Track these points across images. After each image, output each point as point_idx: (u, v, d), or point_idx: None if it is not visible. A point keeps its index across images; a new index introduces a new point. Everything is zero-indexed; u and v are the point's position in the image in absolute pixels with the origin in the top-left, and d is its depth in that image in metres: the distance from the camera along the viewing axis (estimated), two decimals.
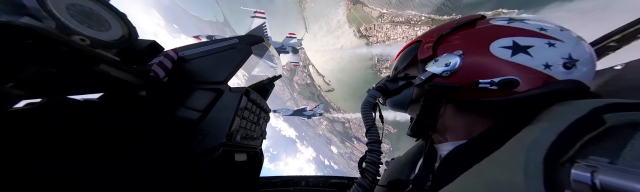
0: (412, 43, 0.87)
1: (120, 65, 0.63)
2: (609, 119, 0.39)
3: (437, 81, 0.67)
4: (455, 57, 0.63)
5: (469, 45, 0.66)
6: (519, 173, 0.39)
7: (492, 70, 0.60)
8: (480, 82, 0.58)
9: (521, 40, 0.61)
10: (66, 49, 0.51)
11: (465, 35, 0.71)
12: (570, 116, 0.43)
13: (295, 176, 1.68)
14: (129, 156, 0.65)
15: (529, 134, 0.45)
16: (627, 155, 0.34)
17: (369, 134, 0.75)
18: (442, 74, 0.65)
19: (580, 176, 0.34)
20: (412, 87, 0.78)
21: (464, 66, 0.63)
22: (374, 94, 0.84)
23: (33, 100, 0.57)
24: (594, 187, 0.32)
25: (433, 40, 0.74)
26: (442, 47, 0.71)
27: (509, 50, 0.60)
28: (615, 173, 0.32)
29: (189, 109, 0.80)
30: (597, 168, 0.33)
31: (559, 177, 0.36)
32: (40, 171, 0.52)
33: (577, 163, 0.36)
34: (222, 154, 0.75)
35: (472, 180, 0.47)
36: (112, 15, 0.69)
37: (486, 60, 0.62)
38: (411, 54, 0.81)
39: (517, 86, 0.57)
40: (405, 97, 0.80)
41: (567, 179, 0.35)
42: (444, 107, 0.70)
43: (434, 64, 0.67)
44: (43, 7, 0.53)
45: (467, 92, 0.63)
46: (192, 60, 1.00)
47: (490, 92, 0.59)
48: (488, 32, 0.67)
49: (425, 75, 0.68)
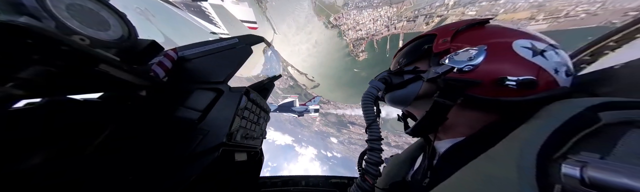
0: (421, 37, 0.84)
1: (120, 65, 0.63)
2: (604, 117, 0.40)
3: (453, 76, 0.63)
4: (480, 51, 0.61)
5: (492, 41, 0.64)
6: (513, 168, 0.40)
7: (515, 69, 0.60)
8: (508, 79, 0.57)
9: (536, 43, 0.63)
10: (66, 48, 0.51)
11: (484, 33, 0.70)
12: (566, 114, 0.44)
13: (296, 175, 1.68)
14: (129, 156, 0.65)
15: (525, 131, 0.46)
16: (618, 151, 0.35)
17: (370, 130, 0.70)
18: (463, 68, 0.61)
19: (570, 171, 0.35)
20: (420, 81, 0.73)
21: (487, 62, 0.60)
22: (377, 85, 0.77)
23: (33, 100, 0.57)
24: (583, 182, 0.33)
25: (450, 34, 0.71)
26: (460, 42, 0.68)
27: (529, 51, 0.61)
28: (605, 168, 0.32)
29: (189, 109, 0.80)
30: (586, 163, 0.34)
31: (551, 173, 0.37)
32: (40, 171, 0.52)
33: (569, 159, 0.37)
34: (222, 153, 0.75)
35: (468, 175, 0.48)
36: (111, 14, 0.69)
37: (510, 57, 0.61)
38: (421, 47, 0.78)
39: (535, 87, 0.58)
40: (411, 92, 0.75)
41: (558, 173, 0.36)
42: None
43: (455, 58, 0.63)
44: (42, 6, 0.53)
45: (487, 90, 0.60)
46: (192, 60, 1.00)
47: (509, 91, 0.59)
48: (507, 32, 0.67)
49: (442, 69, 0.64)
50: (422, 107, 0.74)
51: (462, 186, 0.46)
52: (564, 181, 0.35)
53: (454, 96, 0.61)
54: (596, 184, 0.32)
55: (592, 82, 0.82)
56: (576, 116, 0.43)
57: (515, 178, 0.38)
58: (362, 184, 0.64)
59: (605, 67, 0.82)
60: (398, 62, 0.86)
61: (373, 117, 0.73)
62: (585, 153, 0.36)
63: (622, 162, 0.32)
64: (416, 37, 0.86)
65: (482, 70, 0.60)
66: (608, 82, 0.77)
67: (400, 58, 0.86)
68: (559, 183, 0.35)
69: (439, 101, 0.62)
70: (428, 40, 0.76)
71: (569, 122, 0.42)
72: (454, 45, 0.67)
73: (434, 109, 0.65)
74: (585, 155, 0.36)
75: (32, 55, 0.49)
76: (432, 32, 0.79)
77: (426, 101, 0.71)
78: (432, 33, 0.78)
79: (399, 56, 0.88)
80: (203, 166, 0.69)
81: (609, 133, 0.38)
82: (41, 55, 0.50)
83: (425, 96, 0.71)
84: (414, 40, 0.86)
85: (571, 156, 0.37)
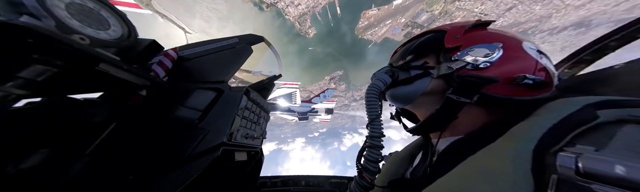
0: (426, 33, 0.82)
1: (121, 64, 0.62)
2: (602, 114, 0.41)
3: (468, 73, 0.61)
4: (497, 48, 0.59)
5: (505, 40, 0.63)
6: (508, 162, 0.41)
7: (530, 68, 0.60)
8: (527, 78, 0.56)
9: (536, 46, 0.65)
10: (66, 48, 0.51)
11: (493, 32, 0.69)
12: (564, 111, 0.45)
13: (296, 175, 1.68)
14: (129, 156, 0.65)
15: (524, 127, 0.47)
16: (613, 144, 0.36)
17: (372, 126, 0.66)
18: (480, 64, 0.59)
19: (566, 161, 0.36)
20: (428, 77, 0.69)
21: (503, 60, 0.59)
22: (384, 78, 0.72)
23: (33, 99, 0.57)
24: (578, 171, 0.34)
25: (461, 31, 0.69)
26: (472, 39, 0.66)
27: (537, 53, 0.63)
28: (599, 158, 0.33)
29: (189, 109, 0.80)
30: (581, 154, 0.35)
31: (547, 164, 0.38)
32: (40, 170, 0.52)
33: (564, 151, 0.38)
34: (222, 153, 0.75)
35: (466, 170, 0.48)
36: (111, 14, 0.68)
37: (524, 57, 0.61)
38: (431, 42, 0.75)
39: (546, 87, 0.60)
40: (418, 89, 0.71)
41: (554, 164, 0.37)
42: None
43: (470, 53, 0.61)
44: (42, 6, 0.52)
45: (501, 88, 0.59)
46: (192, 59, 1.00)
47: (521, 90, 0.59)
48: (512, 33, 0.68)
49: (457, 65, 0.61)
50: (425, 105, 0.73)
51: (460, 181, 0.47)
52: (559, 171, 0.36)
53: (470, 93, 0.59)
54: (590, 173, 0.33)
55: (592, 82, 0.82)
56: (574, 113, 0.44)
57: (511, 171, 0.40)
58: (361, 182, 0.63)
59: (605, 67, 0.82)
60: (403, 57, 0.81)
61: (377, 112, 0.68)
62: (580, 146, 0.37)
63: (616, 154, 0.33)
64: (422, 33, 0.84)
65: (499, 67, 0.59)
66: (608, 82, 0.77)
67: (405, 53, 0.82)
68: (554, 173, 0.37)
69: (453, 97, 0.60)
70: (437, 37, 0.74)
71: (567, 119, 0.43)
72: (468, 42, 0.65)
73: (446, 107, 0.63)
74: (580, 147, 0.37)
75: (32, 55, 0.49)
76: (441, 28, 0.77)
77: (431, 99, 0.71)
78: (441, 29, 0.76)
79: (403, 51, 0.84)
80: (203, 165, 0.69)
81: (606, 130, 0.39)
82: (41, 54, 0.50)
83: (432, 93, 0.70)
84: (420, 36, 0.84)
85: (567, 148, 0.38)
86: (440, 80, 0.67)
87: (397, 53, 0.88)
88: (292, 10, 29.79)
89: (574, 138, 0.39)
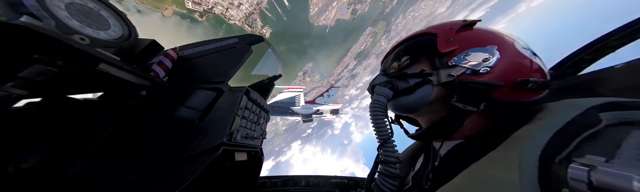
0: (415, 36, 0.76)
1: (120, 64, 0.62)
2: (605, 117, 0.40)
3: (468, 79, 0.58)
4: (493, 51, 0.57)
5: (499, 42, 0.61)
6: (515, 171, 0.39)
7: (530, 70, 0.58)
8: (530, 81, 0.54)
9: (528, 46, 0.63)
10: (66, 48, 0.51)
11: (483, 33, 0.66)
12: (567, 115, 0.44)
13: (296, 175, 1.68)
14: (129, 156, 0.65)
15: (527, 132, 0.46)
16: (623, 153, 0.35)
17: (385, 149, 0.60)
18: (480, 70, 0.56)
19: (578, 175, 0.34)
20: (428, 85, 0.66)
21: (502, 62, 0.57)
22: (385, 93, 0.67)
23: (33, 99, 0.57)
24: (591, 185, 0.33)
25: (452, 33, 0.65)
26: (464, 42, 0.63)
27: (530, 53, 0.61)
28: (611, 172, 0.32)
29: (190, 109, 0.80)
30: (593, 167, 0.34)
31: (556, 175, 0.37)
32: (40, 170, 0.52)
33: (574, 162, 0.36)
34: (222, 153, 0.75)
35: (471, 178, 0.47)
36: (111, 14, 0.68)
37: (521, 58, 0.59)
38: (422, 47, 0.70)
39: (545, 87, 0.58)
40: (421, 98, 0.66)
41: (565, 177, 0.36)
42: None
43: (467, 59, 0.58)
44: (42, 6, 0.52)
45: (505, 92, 0.57)
46: (192, 59, 1.00)
47: (525, 92, 0.57)
48: (500, 33, 0.65)
49: (457, 71, 0.58)
50: (428, 113, 0.71)
51: (464, 190, 0.46)
52: (571, 185, 0.34)
53: (476, 100, 0.56)
54: (604, 188, 0.32)
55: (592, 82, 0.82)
56: (578, 117, 0.42)
57: (518, 181, 0.38)
58: None
59: (605, 67, 0.82)
60: (396, 64, 0.76)
61: (387, 133, 0.62)
62: (590, 156, 0.36)
63: (628, 165, 0.32)
64: (410, 36, 0.79)
65: (499, 71, 0.57)
66: (608, 82, 0.77)
67: (395, 59, 0.77)
68: (566, 187, 0.35)
69: (459, 106, 0.56)
70: (427, 40, 0.70)
71: (571, 124, 0.42)
72: (461, 46, 0.62)
73: (452, 115, 0.59)
74: (590, 158, 0.36)
75: (32, 55, 0.49)
76: (429, 31, 0.73)
77: (434, 107, 0.68)
78: (430, 32, 0.72)
79: (394, 57, 0.79)
80: (203, 166, 0.69)
81: (611, 134, 0.38)
82: (41, 54, 0.50)
83: (435, 101, 0.67)
84: (408, 39, 0.79)
85: (576, 158, 0.37)
86: (441, 87, 0.65)
87: (389, 59, 0.83)
88: (235, 12, 25.67)
89: (580, 143, 0.38)
